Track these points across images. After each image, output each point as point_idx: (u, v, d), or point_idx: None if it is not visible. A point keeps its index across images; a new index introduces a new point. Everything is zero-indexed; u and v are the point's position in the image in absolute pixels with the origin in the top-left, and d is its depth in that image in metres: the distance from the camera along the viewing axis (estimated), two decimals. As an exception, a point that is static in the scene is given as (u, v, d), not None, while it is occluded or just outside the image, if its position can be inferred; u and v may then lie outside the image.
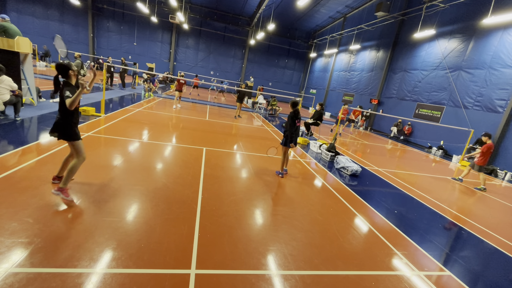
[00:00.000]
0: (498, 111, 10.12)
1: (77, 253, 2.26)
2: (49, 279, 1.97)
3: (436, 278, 2.87)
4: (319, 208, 4.08)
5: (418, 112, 13.91)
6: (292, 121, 4.97)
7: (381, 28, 17.63)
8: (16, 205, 2.77)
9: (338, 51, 23.41)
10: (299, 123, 5.09)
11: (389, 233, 3.66)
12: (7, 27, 6.30)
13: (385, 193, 5.36)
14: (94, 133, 5.87)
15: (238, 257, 2.60)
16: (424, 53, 14.07)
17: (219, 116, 11.73)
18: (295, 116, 4.99)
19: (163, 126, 7.88)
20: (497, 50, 10.45)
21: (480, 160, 6.86)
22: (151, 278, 2.14)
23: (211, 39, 28.12)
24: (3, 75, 5.69)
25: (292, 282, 2.39)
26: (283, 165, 5.27)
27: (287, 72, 31.18)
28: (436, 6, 13.07)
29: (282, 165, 5.27)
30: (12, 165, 3.64)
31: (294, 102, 5.15)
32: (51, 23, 24.43)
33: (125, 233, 2.64)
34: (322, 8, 21.68)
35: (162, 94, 16.16)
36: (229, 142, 7.28)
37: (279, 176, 5.21)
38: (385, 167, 7.56)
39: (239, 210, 3.56)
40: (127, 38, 26.53)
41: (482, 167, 6.89)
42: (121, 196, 3.35)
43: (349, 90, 20.88)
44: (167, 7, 25.40)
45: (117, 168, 4.23)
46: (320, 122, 9.89)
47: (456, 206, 5.35)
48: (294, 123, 4.99)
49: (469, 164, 7.40)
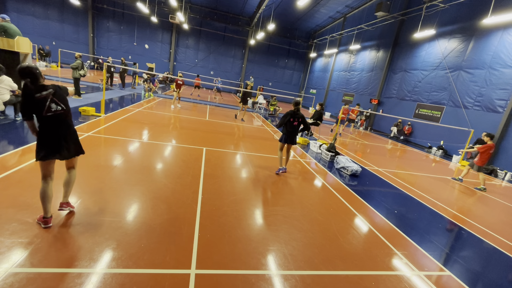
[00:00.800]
0: (498, 111, 10.11)
1: (77, 253, 2.26)
2: (49, 279, 1.97)
3: (436, 278, 2.87)
4: (319, 208, 4.08)
5: (418, 112, 13.91)
6: (285, 117, 5.03)
7: (381, 28, 17.63)
8: (16, 205, 2.77)
9: (338, 51, 23.41)
10: (295, 123, 5.08)
11: (389, 233, 3.66)
12: (7, 27, 6.31)
13: (385, 193, 5.36)
14: (94, 133, 5.87)
15: (238, 257, 2.60)
16: (424, 53, 14.06)
17: (219, 116, 11.73)
18: (291, 114, 5.04)
19: (163, 126, 7.88)
20: (497, 50, 10.45)
21: (479, 160, 6.85)
22: (151, 278, 2.14)
23: (211, 39, 28.12)
24: (3, 75, 5.69)
25: (292, 282, 2.39)
26: (280, 161, 5.32)
27: (287, 72, 31.18)
28: (436, 6, 13.07)
29: (280, 161, 5.33)
30: (12, 165, 3.64)
31: (296, 102, 5.18)
32: (51, 23, 24.43)
33: (125, 233, 2.64)
34: (322, 8, 21.68)
35: (162, 94, 16.16)
36: (229, 142, 7.28)
37: (276, 173, 5.28)
38: (385, 167, 7.56)
39: (239, 210, 3.56)
40: (127, 38, 26.53)
41: (481, 167, 6.88)
42: (121, 196, 3.35)
43: (349, 90, 20.87)
44: (167, 7, 25.40)
45: (117, 168, 4.23)
46: (320, 122, 9.89)
47: (456, 206, 5.35)
48: (288, 120, 5.04)
49: (468, 163, 7.36)
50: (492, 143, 6.75)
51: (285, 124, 5.08)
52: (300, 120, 5.12)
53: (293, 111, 5.07)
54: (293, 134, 5.15)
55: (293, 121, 5.07)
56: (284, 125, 5.13)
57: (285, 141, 5.14)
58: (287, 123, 5.07)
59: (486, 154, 6.77)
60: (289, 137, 5.12)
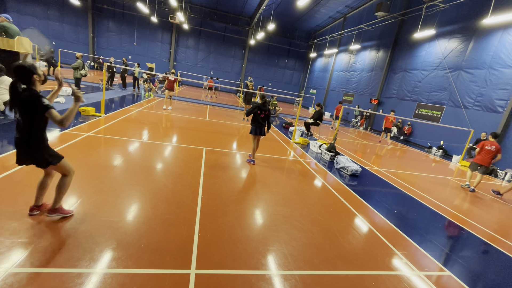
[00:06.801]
0: (498, 111, 10.11)
1: (77, 253, 2.26)
2: (49, 279, 1.97)
3: (436, 278, 2.87)
4: (319, 208, 4.08)
5: (418, 112, 13.91)
6: (253, 109, 5.48)
7: (381, 28, 17.63)
8: (16, 205, 2.77)
9: (338, 51, 23.41)
10: (262, 115, 5.52)
11: (389, 233, 3.65)
12: (7, 27, 6.30)
13: (385, 193, 5.36)
14: (94, 133, 5.87)
15: (238, 257, 2.60)
16: (424, 53, 14.06)
17: (220, 116, 11.72)
18: (259, 107, 5.47)
19: (163, 126, 7.89)
20: (497, 50, 10.45)
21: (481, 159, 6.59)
22: (151, 278, 2.14)
23: (211, 39, 28.12)
24: (4, 75, 5.69)
25: (292, 282, 2.39)
26: (253, 152, 5.73)
27: (287, 72, 31.18)
28: (436, 6, 13.07)
29: (252, 152, 5.74)
30: (12, 165, 3.64)
31: (262, 95, 5.64)
32: (51, 23, 24.44)
33: (125, 233, 2.64)
34: (322, 8, 21.68)
35: (162, 94, 16.16)
36: (229, 142, 7.28)
37: (250, 163, 5.69)
38: (385, 167, 7.56)
39: (239, 210, 3.56)
40: (127, 38, 26.54)
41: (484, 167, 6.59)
42: (121, 196, 3.35)
43: (349, 90, 20.88)
44: (167, 7, 25.39)
45: (117, 168, 4.23)
46: (320, 122, 9.89)
47: (456, 206, 5.35)
48: (256, 112, 5.48)
49: (469, 166, 7.05)
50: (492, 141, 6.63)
51: (254, 115, 5.54)
52: (267, 113, 5.55)
53: (261, 104, 5.53)
54: (261, 126, 5.59)
55: (260, 113, 5.50)
56: (253, 117, 5.57)
57: (255, 133, 5.57)
58: (255, 114, 5.51)
59: (484, 152, 6.57)
60: (258, 127, 5.56)
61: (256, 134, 5.58)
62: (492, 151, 6.53)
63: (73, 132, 5.61)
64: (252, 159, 5.76)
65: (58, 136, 5.21)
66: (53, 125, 5.93)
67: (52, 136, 5.18)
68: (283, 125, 12.10)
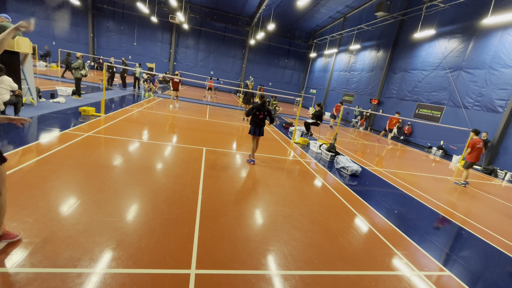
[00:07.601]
0: (498, 111, 10.11)
1: (77, 253, 2.26)
2: (49, 279, 1.96)
3: (436, 278, 2.87)
4: (319, 208, 4.08)
5: (418, 112, 13.90)
6: (252, 110, 5.46)
7: (381, 28, 17.63)
8: (16, 205, 2.77)
9: (338, 51, 23.40)
10: (261, 116, 5.52)
11: (389, 233, 3.66)
12: (7, 27, 6.30)
13: (385, 193, 5.36)
14: (94, 133, 5.87)
15: (238, 257, 2.60)
16: (424, 53, 14.06)
17: (220, 116, 11.72)
18: (257, 108, 5.45)
19: (163, 126, 7.89)
20: (497, 50, 10.44)
21: (470, 156, 6.82)
22: (151, 278, 2.14)
23: (211, 39, 28.11)
24: (3, 75, 5.69)
25: (292, 282, 2.39)
26: (253, 152, 5.74)
27: (287, 72, 31.17)
28: (436, 6, 13.06)
29: (252, 152, 5.74)
30: (12, 165, 3.64)
31: (262, 95, 5.63)
32: (51, 23, 24.42)
33: (125, 233, 2.64)
34: (322, 8, 21.67)
35: (162, 94, 16.16)
36: (229, 142, 7.28)
37: (250, 163, 5.70)
38: (385, 167, 7.56)
39: (239, 210, 3.56)
40: (127, 38, 26.53)
41: (471, 164, 6.84)
42: (121, 196, 3.35)
43: (349, 90, 20.87)
44: (167, 7, 25.39)
45: (117, 168, 4.23)
46: (320, 122, 9.88)
47: (456, 206, 5.35)
48: (255, 113, 5.47)
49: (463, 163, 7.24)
50: (477, 138, 6.79)
51: (253, 116, 5.51)
52: (266, 114, 5.55)
53: (260, 104, 5.49)
54: (260, 126, 5.57)
55: (259, 114, 5.48)
56: (252, 118, 5.55)
57: (254, 133, 5.56)
58: (254, 115, 5.49)
59: (474, 150, 6.78)
60: (256, 128, 5.54)
61: (254, 134, 5.58)
62: (481, 148, 6.83)
63: (73, 132, 5.61)
64: (252, 159, 5.76)
65: (58, 136, 5.21)
66: (53, 125, 5.93)
67: (52, 136, 5.19)
68: (283, 125, 12.10)
